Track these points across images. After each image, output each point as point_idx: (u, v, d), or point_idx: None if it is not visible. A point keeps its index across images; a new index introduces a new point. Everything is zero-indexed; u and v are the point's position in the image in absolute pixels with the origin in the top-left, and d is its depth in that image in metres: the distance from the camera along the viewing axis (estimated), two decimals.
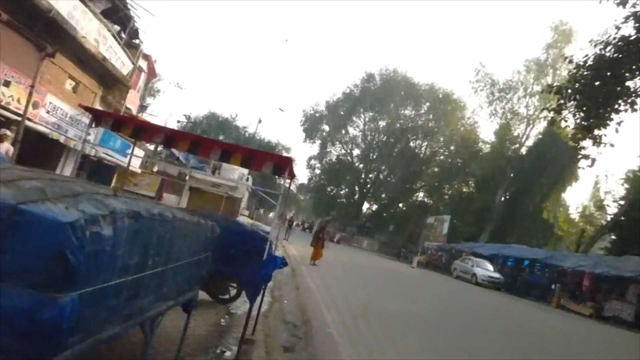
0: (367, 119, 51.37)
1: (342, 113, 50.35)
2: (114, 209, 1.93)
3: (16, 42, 10.45)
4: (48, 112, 11.54)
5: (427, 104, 48.24)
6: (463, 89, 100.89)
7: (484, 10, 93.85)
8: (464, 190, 45.69)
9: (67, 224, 1.51)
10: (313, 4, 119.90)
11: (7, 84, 8.84)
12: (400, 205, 49.85)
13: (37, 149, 11.36)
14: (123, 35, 16.58)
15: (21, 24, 10.16)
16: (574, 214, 38.77)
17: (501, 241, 32.12)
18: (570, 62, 14.05)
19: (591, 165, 13.59)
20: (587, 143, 13.43)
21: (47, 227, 1.45)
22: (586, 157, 13.57)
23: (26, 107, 9.45)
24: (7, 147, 7.82)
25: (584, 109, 12.61)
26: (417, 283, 16.84)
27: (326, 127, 51.89)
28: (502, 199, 39.75)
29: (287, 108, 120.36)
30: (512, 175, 39.14)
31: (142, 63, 20.75)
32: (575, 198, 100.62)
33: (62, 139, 12.20)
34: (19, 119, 9.63)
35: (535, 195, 36.53)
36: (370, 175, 51.28)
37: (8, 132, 8.24)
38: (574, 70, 13.70)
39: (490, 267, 23.38)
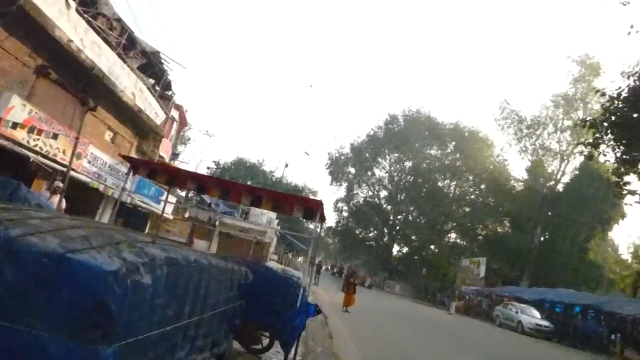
0: (392, 160, 51.30)
1: (367, 155, 50.60)
2: (154, 256, 1.93)
3: (61, 96, 11.34)
4: (89, 162, 12.24)
5: (453, 143, 47.88)
6: (488, 125, 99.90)
7: (504, 47, 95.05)
8: (499, 230, 43.74)
9: (109, 273, 1.51)
10: (336, 50, 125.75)
11: (55, 136, 9.49)
12: (432, 247, 48.10)
13: (79, 197, 11.92)
14: (157, 88, 17.72)
15: (66, 79, 11.05)
16: (625, 254, 35.84)
17: (543, 284, 29.84)
18: (603, 95, 13.69)
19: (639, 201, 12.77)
20: (631, 178, 12.71)
21: (91, 276, 1.46)
22: (632, 192, 12.79)
23: (71, 158, 10.05)
24: (58, 200, 8.24)
25: (624, 141, 12.07)
26: (459, 332, 15.68)
27: (352, 170, 52.02)
28: (542, 238, 37.58)
29: (312, 152, 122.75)
30: (549, 213, 37.24)
31: (174, 113, 21.95)
32: (624, 237, 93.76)
33: (101, 188, 12.80)
34: (64, 169, 10.22)
35: (578, 234, 34.32)
36: (399, 217, 50.21)
37: (60, 184, 8.72)
38: (608, 103, 13.31)
39: (537, 314, 21.62)
